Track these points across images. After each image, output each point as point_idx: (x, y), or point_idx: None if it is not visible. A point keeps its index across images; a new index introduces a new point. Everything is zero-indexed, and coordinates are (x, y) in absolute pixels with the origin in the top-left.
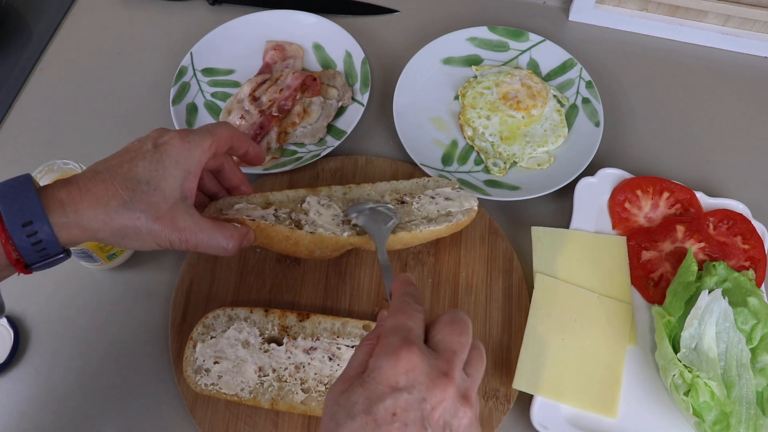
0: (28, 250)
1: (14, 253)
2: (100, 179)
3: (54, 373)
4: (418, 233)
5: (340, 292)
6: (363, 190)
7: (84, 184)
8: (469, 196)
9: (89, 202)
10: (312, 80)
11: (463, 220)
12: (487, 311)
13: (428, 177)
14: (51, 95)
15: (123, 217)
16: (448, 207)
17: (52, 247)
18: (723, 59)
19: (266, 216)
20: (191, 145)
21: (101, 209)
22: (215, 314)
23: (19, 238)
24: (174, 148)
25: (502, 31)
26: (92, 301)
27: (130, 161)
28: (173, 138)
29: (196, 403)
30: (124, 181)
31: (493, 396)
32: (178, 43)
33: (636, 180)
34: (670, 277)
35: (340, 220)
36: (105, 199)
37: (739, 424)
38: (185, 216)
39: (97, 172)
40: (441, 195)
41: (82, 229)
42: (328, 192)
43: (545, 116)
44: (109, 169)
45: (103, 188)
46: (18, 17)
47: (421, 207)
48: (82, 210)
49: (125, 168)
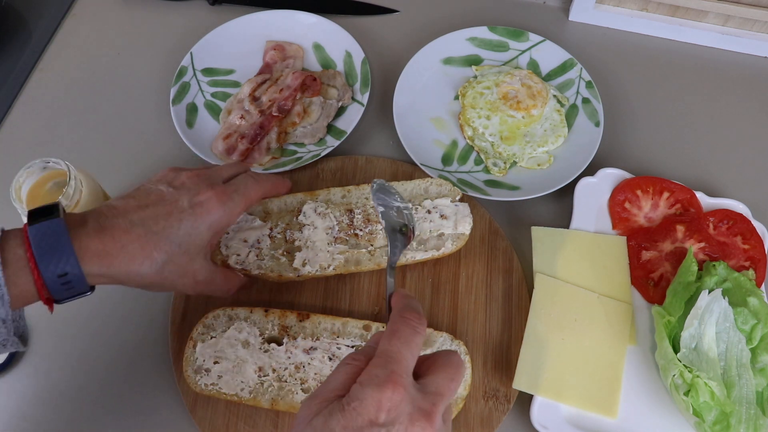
0: (59, 291)
1: (46, 294)
2: (135, 235)
3: (54, 373)
4: (404, 260)
5: (340, 292)
6: (362, 192)
7: (119, 236)
8: (464, 216)
9: (123, 260)
10: (312, 80)
11: (451, 250)
12: (487, 311)
13: (430, 179)
14: (51, 95)
15: (153, 277)
16: (442, 228)
17: (81, 287)
18: (723, 59)
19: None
20: (226, 213)
21: (134, 268)
22: (215, 314)
23: (51, 281)
24: (210, 215)
25: (502, 31)
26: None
27: (165, 218)
28: (210, 201)
29: (196, 403)
30: (159, 242)
31: (493, 396)
32: (178, 43)
33: (636, 180)
34: (670, 277)
35: (333, 237)
36: (139, 260)
37: (739, 424)
38: (203, 271)
39: (132, 224)
40: (438, 210)
41: (111, 279)
42: (326, 196)
43: (545, 116)
44: (144, 222)
45: (139, 247)
46: (18, 17)
47: (416, 222)
48: (115, 266)
49: (161, 225)
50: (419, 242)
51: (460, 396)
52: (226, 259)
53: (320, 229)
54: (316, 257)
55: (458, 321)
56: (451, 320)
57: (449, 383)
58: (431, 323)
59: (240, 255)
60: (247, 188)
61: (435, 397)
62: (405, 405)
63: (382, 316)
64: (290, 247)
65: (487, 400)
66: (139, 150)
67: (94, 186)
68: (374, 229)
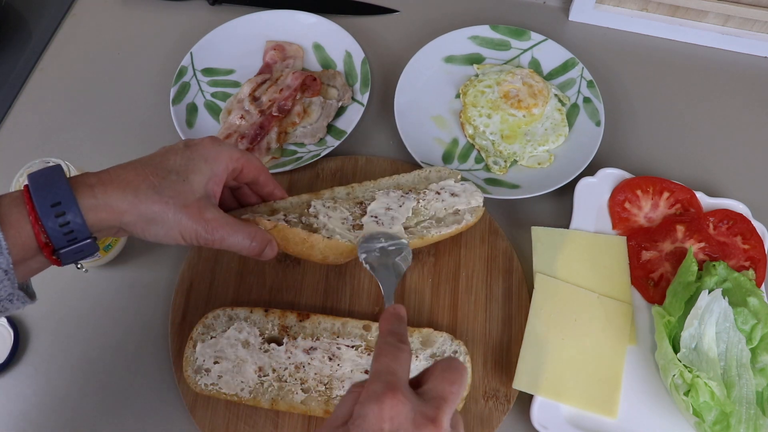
0: (57, 233)
1: (43, 236)
2: (131, 167)
3: (54, 373)
4: (429, 238)
5: (340, 292)
6: (365, 188)
7: (114, 170)
8: (473, 192)
9: (119, 185)
10: (312, 80)
11: (471, 221)
12: (487, 311)
13: (429, 167)
14: (51, 95)
15: (152, 200)
16: (455, 204)
17: (80, 231)
18: (723, 59)
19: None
20: (221, 148)
21: (131, 191)
22: (215, 314)
23: (48, 219)
24: (204, 148)
25: (504, 29)
26: (92, 302)
27: (161, 156)
28: (204, 140)
29: (196, 403)
30: (155, 169)
31: (493, 396)
32: (178, 43)
33: (636, 180)
34: (670, 277)
35: (350, 225)
36: (135, 182)
37: (739, 424)
38: (212, 209)
39: (128, 163)
40: (446, 190)
41: (110, 211)
42: (330, 194)
43: (546, 115)
44: (141, 161)
45: (134, 174)
46: (18, 17)
47: (427, 204)
48: (111, 192)
49: (157, 160)
50: (437, 221)
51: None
52: None
53: (335, 218)
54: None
55: (458, 321)
56: (451, 320)
57: (450, 386)
58: (431, 323)
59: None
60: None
61: (437, 401)
62: (407, 412)
63: None
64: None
65: (487, 400)
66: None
67: None
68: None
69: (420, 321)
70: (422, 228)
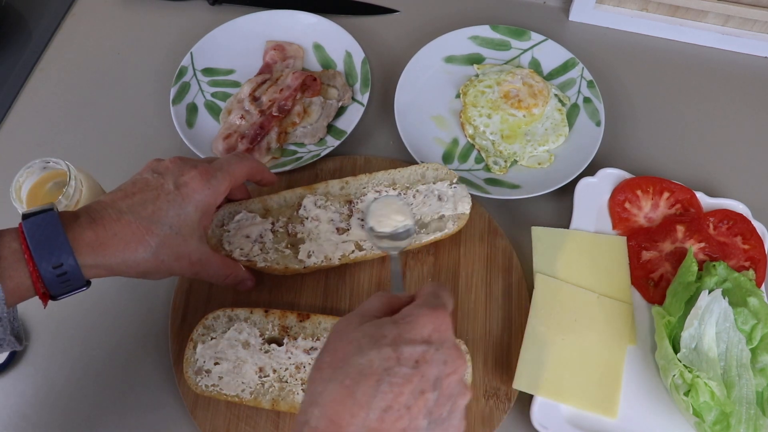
0: (54, 284)
1: (42, 288)
2: (125, 222)
3: (54, 373)
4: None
5: (340, 292)
6: (360, 182)
7: (110, 225)
8: (463, 197)
9: (116, 247)
10: (312, 80)
11: (452, 230)
12: (487, 311)
13: (426, 164)
14: (51, 95)
15: (148, 261)
16: (441, 210)
17: (77, 282)
18: (723, 59)
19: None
20: (212, 191)
21: (129, 255)
22: (215, 315)
23: (47, 272)
24: (195, 193)
25: (504, 30)
26: (92, 302)
27: (153, 202)
28: (194, 180)
29: (197, 404)
30: (150, 225)
31: (493, 395)
32: (178, 43)
33: (636, 180)
34: (670, 277)
35: (335, 227)
36: (132, 245)
37: (739, 424)
38: (198, 254)
39: (121, 213)
40: (434, 193)
41: (108, 270)
42: (324, 189)
43: (546, 115)
44: (133, 209)
45: (130, 233)
46: (18, 17)
47: (414, 208)
48: (109, 254)
49: (149, 210)
50: (421, 226)
51: None
52: (230, 254)
53: (323, 221)
54: (321, 248)
55: (458, 320)
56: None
57: None
58: None
59: (243, 249)
60: (231, 165)
61: None
62: (451, 334)
63: None
64: (293, 240)
65: (488, 398)
66: (139, 150)
67: (94, 186)
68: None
69: None
70: None
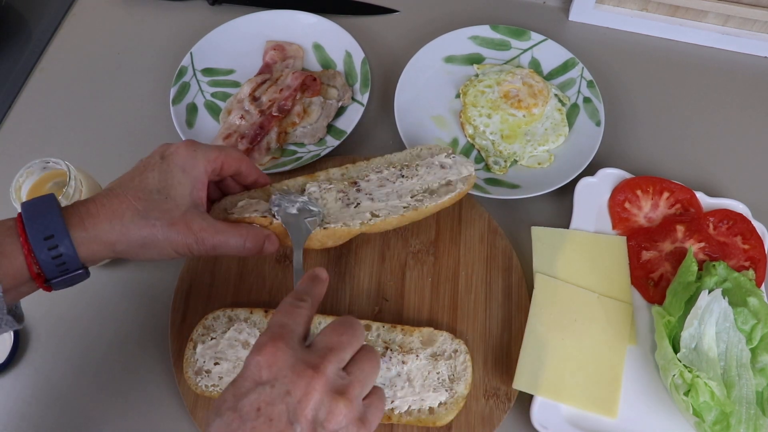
0: (49, 265)
1: (35, 267)
2: (113, 195)
3: (54, 373)
4: (424, 209)
5: (340, 292)
6: (359, 168)
7: (100, 200)
8: (464, 162)
9: (105, 215)
10: (312, 80)
11: (464, 189)
12: (487, 311)
13: (419, 146)
14: (51, 95)
15: (139, 226)
16: (447, 176)
17: (72, 263)
18: (723, 59)
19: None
20: (197, 154)
21: (117, 221)
22: (215, 315)
23: (41, 252)
24: (180, 157)
25: (504, 29)
26: (92, 302)
27: (140, 174)
28: (179, 148)
29: (197, 404)
30: (137, 193)
31: (493, 394)
32: (178, 43)
33: (636, 180)
34: (670, 277)
35: (345, 203)
36: (120, 211)
37: (739, 424)
38: (199, 219)
39: (111, 189)
40: (437, 164)
41: (101, 243)
42: (326, 176)
43: (546, 115)
44: (122, 184)
45: (118, 202)
46: (18, 17)
47: (420, 178)
48: (99, 224)
49: (136, 181)
50: (430, 193)
51: (461, 395)
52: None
53: (330, 201)
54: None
55: (458, 320)
56: (451, 319)
57: (338, 337)
58: (431, 322)
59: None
60: (226, 146)
61: (323, 351)
62: (286, 359)
63: (383, 316)
64: None
65: (488, 398)
66: (139, 150)
67: (94, 186)
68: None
69: (420, 320)
70: (416, 201)
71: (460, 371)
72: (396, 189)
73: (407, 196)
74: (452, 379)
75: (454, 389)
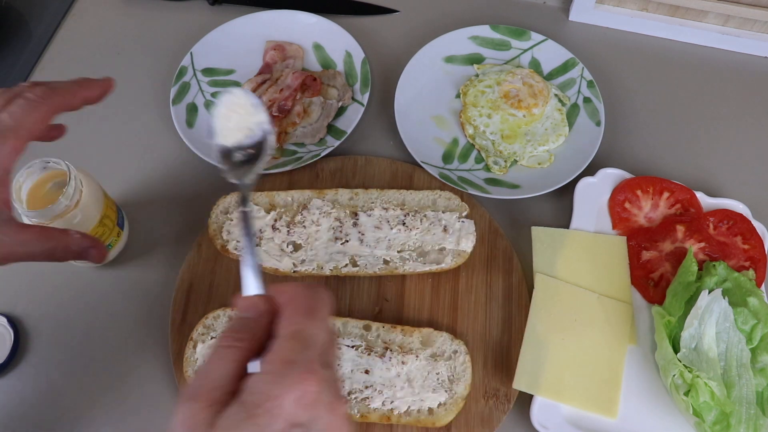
0: None
1: None
2: None
3: (54, 373)
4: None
5: (340, 292)
6: (370, 196)
7: None
8: (468, 234)
9: None
10: (312, 80)
11: (450, 266)
12: (487, 311)
13: (439, 191)
14: None
15: None
16: (443, 242)
17: None
18: (723, 59)
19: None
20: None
21: None
22: (215, 314)
23: None
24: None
25: (504, 29)
26: (92, 302)
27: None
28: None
29: None
30: None
31: (493, 395)
32: (178, 43)
33: (636, 180)
34: (670, 277)
35: (335, 235)
36: None
37: (739, 424)
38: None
39: None
40: (441, 224)
41: None
42: (333, 196)
43: (546, 115)
44: None
45: None
46: (18, 17)
47: (418, 233)
48: None
49: None
50: (420, 254)
51: (461, 396)
52: (225, 245)
53: (323, 228)
54: (316, 255)
55: (458, 320)
56: (451, 320)
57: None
58: (431, 323)
59: (240, 242)
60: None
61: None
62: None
63: (383, 316)
64: (291, 240)
65: (488, 399)
66: (139, 150)
67: (94, 186)
68: (381, 237)
69: (420, 321)
70: (400, 259)
71: (459, 372)
72: (390, 238)
73: (394, 250)
74: (452, 380)
75: (453, 390)
